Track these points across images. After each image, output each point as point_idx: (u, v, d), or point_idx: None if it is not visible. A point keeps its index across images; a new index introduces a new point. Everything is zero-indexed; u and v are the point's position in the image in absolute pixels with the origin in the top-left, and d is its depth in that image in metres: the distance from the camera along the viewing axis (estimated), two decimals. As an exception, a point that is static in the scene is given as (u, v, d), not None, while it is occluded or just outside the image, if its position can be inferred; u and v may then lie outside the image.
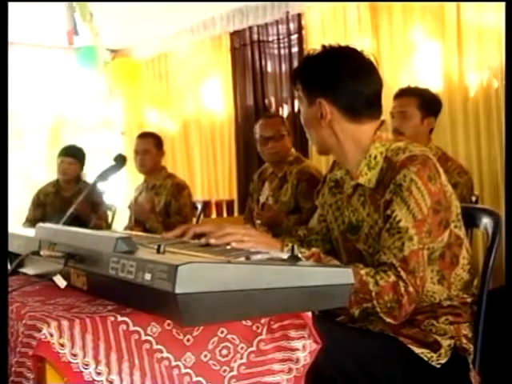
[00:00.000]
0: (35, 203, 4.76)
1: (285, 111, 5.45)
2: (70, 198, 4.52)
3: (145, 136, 4.46)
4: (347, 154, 1.73)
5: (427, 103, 3.20)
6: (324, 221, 1.90)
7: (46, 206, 4.71)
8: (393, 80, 4.33)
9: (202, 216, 4.47)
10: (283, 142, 3.68)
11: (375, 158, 1.68)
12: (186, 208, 4.25)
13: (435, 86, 4.21)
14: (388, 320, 1.53)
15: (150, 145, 4.35)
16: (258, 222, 3.57)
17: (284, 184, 3.65)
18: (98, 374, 1.10)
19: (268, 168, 3.83)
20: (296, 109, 5.26)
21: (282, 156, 3.67)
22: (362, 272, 1.53)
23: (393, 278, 1.52)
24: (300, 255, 1.53)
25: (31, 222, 4.48)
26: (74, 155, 4.63)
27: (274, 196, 3.69)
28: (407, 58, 4.40)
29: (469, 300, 1.72)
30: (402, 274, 1.53)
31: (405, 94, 3.25)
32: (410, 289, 1.52)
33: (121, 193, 6.49)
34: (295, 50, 5.29)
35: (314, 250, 1.60)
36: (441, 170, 1.65)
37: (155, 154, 4.36)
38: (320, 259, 1.57)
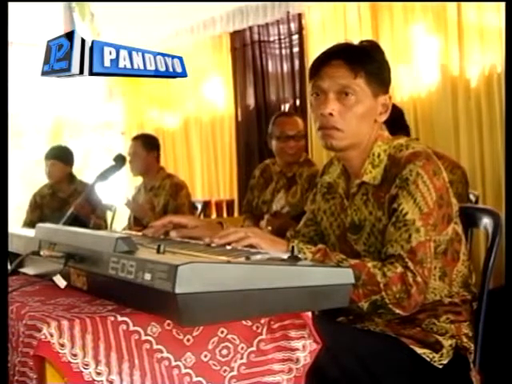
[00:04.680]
0: (32, 206, 4.74)
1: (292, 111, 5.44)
2: (66, 199, 4.51)
3: (134, 139, 4.44)
4: (357, 153, 1.72)
5: None
6: (311, 225, 1.89)
7: (43, 208, 4.70)
8: (393, 80, 4.31)
9: (201, 216, 4.46)
10: (302, 142, 3.66)
11: (379, 156, 1.69)
12: (184, 208, 4.23)
13: (436, 85, 4.22)
14: (397, 311, 1.53)
15: (138, 147, 4.31)
16: (269, 228, 3.53)
17: (293, 185, 3.62)
18: (98, 374, 1.10)
19: (274, 166, 3.77)
20: (297, 109, 5.26)
21: (299, 157, 3.64)
22: (369, 265, 1.54)
23: (400, 269, 1.53)
24: (306, 251, 1.56)
25: (29, 225, 4.47)
26: (55, 157, 4.59)
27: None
28: (408, 58, 4.40)
29: (469, 297, 1.72)
30: (410, 264, 1.53)
31: None
32: (419, 279, 1.53)
33: (121, 193, 6.49)
34: (296, 50, 5.28)
35: (320, 245, 1.61)
36: (442, 167, 1.66)
37: (145, 155, 4.30)
38: (326, 254, 1.57)
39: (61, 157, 4.62)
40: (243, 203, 4.09)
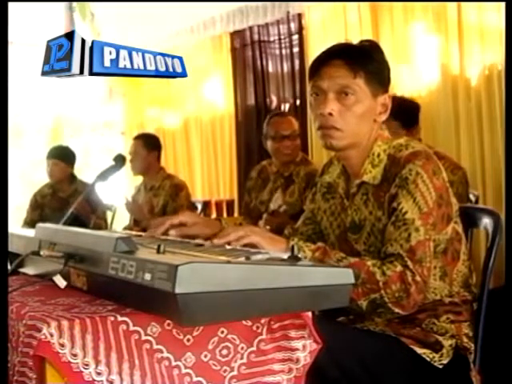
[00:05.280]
0: (33, 205, 4.75)
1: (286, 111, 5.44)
2: (67, 199, 4.51)
3: (135, 138, 4.45)
4: (356, 153, 1.72)
5: None
6: (310, 224, 1.89)
7: (43, 208, 4.70)
8: (393, 80, 4.31)
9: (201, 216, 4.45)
10: (297, 141, 3.67)
11: (378, 155, 1.69)
12: (183, 209, 4.21)
13: (436, 85, 4.22)
14: (396, 310, 1.53)
15: (138, 146, 4.30)
16: (268, 227, 3.53)
17: (290, 185, 3.62)
18: (98, 374, 1.10)
19: (270, 166, 3.78)
20: (297, 109, 5.26)
21: (295, 156, 3.65)
22: (369, 263, 1.54)
23: (399, 268, 1.53)
24: (306, 249, 1.56)
25: (29, 224, 4.47)
26: (56, 156, 4.59)
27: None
28: (408, 58, 4.40)
29: (469, 297, 1.72)
30: (409, 263, 1.54)
31: None
32: (418, 278, 1.53)
33: (121, 193, 6.49)
34: (296, 50, 5.28)
35: (319, 244, 1.61)
36: (442, 167, 1.66)
37: (145, 155, 4.29)
38: (326, 252, 1.58)
39: (63, 157, 4.63)
40: (242, 206, 4.09)
